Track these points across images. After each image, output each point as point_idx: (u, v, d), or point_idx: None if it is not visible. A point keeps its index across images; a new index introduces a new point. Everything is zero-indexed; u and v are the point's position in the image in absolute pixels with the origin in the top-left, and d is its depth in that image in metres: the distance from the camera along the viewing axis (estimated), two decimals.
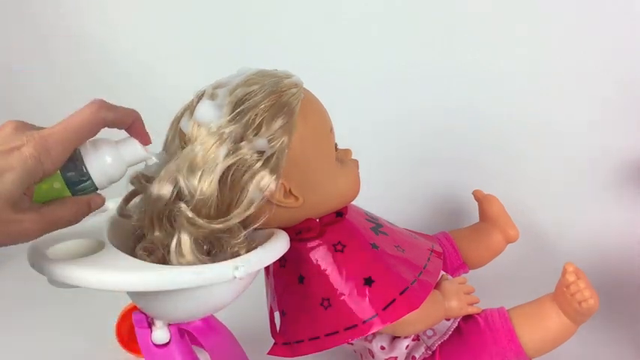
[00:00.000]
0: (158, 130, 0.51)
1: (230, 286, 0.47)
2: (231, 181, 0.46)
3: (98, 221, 0.51)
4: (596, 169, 0.81)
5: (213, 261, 0.45)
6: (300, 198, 0.50)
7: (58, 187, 0.41)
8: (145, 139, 0.45)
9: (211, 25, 0.95)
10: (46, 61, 1.03)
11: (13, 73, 1.04)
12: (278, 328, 0.54)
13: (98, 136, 0.42)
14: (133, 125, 0.44)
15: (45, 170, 0.38)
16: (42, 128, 0.39)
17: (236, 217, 0.46)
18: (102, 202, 0.44)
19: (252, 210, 0.46)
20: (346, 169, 0.54)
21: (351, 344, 0.59)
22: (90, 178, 0.42)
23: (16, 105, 1.03)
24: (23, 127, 0.38)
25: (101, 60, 1.01)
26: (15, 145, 0.37)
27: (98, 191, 0.44)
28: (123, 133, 0.45)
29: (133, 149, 0.44)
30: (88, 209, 0.43)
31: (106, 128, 0.42)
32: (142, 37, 0.99)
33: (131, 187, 0.50)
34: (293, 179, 0.49)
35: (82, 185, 0.42)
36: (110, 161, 0.42)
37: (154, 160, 0.46)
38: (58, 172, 0.41)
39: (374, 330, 0.49)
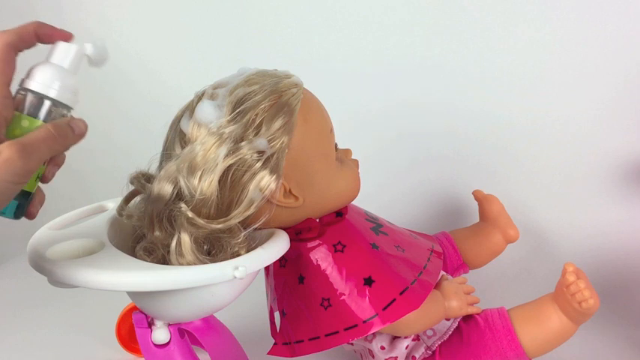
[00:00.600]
0: (158, 130, 0.52)
1: (230, 286, 0.47)
2: (231, 181, 0.46)
3: (98, 221, 0.51)
4: (596, 169, 0.81)
5: (214, 261, 0.45)
6: (300, 198, 0.50)
7: (28, 124, 0.40)
8: (62, 35, 0.43)
9: (211, 25, 0.95)
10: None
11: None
12: (278, 328, 0.54)
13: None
14: (41, 34, 0.42)
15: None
16: None
17: (236, 217, 0.46)
18: (84, 125, 0.42)
19: (252, 210, 0.47)
20: (346, 169, 0.54)
21: (351, 344, 0.59)
22: (53, 100, 0.41)
23: None
24: None
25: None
26: None
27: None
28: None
29: (63, 51, 0.43)
30: (70, 130, 0.41)
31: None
32: (142, 37, 0.99)
33: (131, 187, 0.50)
34: (293, 179, 0.49)
35: (54, 113, 0.41)
36: (57, 78, 0.41)
37: (89, 47, 0.44)
38: (19, 113, 0.40)
39: (374, 330, 0.49)
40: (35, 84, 0.41)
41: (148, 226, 0.48)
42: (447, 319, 0.56)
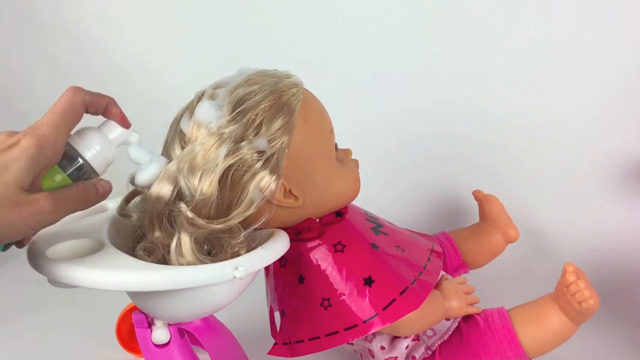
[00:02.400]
0: (158, 130, 0.51)
1: (230, 286, 0.47)
2: (232, 182, 0.46)
3: (98, 221, 0.51)
4: (596, 169, 0.81)
5: (214, 261, 0.45)
6: (300, 198, 0.50)
7: (60, 180, 0.42)
8: (124, 122, 0.46)
9: (211, 26, 0.95)
10: (46, 61, 1.03)
11: (13, 72, 1.04)
12: (278, 328, 0.54)
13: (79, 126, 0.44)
14: (108, 108, 0.45)
15: (48, 155, 0.40)
16: None
17: (236, 218, 0.46)
18: (109, 186, 0.44)
19: (252, 210, 0.47)
20: (346, 169, 0.54)
21: (351, 344, 0.59)
22: (87, 163, 0.43)
23: (16, 105, 1.04)
24: (14, 132, 0.40)
25: (101, 60, 1.01)
26: (13, 142, 0.39)
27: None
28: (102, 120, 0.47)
29: (113, 128, 0.45)
30: (96, 191, 0.43)
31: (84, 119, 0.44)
32: (142, 37, 0.99)
33: (131, 187, 0.50)
34: (293, 179, 0.49)
35: (82, 172, 0.43)
36: (99, 145, 0.44)
37: (136, 136, 0.47)
38: (57, 166, 0.42)
39: (374, 330, 0.49)
40: (84, 151, 0.43)
41: (148, 226, 0.48)
42: (447, 319, 0.56)
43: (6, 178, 0.37)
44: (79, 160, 0.43)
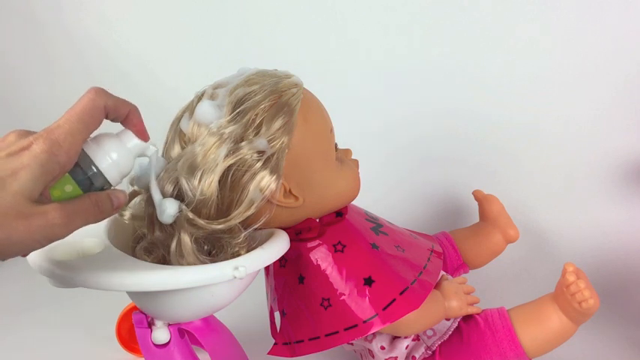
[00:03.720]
0: (158, 130, 0.51)
1: (230, 286, 0.47)
2: (232, 182, 0.46)
3: None
4: (596, 169, 0.81)
5: (214, 261, 0.45)
6: (300, 198, 0.50)
7: (70, 190, 0.39)
8: (143, 135, 0.43)
9: (211, 26, 0.95)
10: (46, 61, 1.03)
11: (13, 73, 1.04)
12: (278, 328, 0.54)
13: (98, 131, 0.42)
14: (129, 117, 0.42)
15: (60, 162, 0.36)
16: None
17: (236, 218, 0.46)
18: (124, 197, 0.41)
19: (252, 210, 0.47)
20: (346, 169, 0.54)
21: (351, 344, 0.59)
22: (100, 173, 0.40)
23: (16, 105, 1.04)
24: (26, 132, 0.37)
25: (101, 60, 1.01)
26: (24, 145, 0.35)
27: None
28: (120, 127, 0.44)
29: (131, 138, 0.43)
30: (110, 202, 0.40)
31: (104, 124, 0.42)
32: (142, 37, 0.99)
33: (131, 188, 0.50)
34: (293, 179, 0.49)
35: (95, 183, 0.40)
36: (116, 154, 0.41)
37: (153, 149, 0.44)
38: (68, 174, 0.39)
39: (374, 330, 0.49)
40: (99, 161, 0.40)
41: (148, 227, 0.48)
42: (447, 319, 0.56)
43: (13, 188, 0.34)
44: (93, 169, 0.40)
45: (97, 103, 0.39)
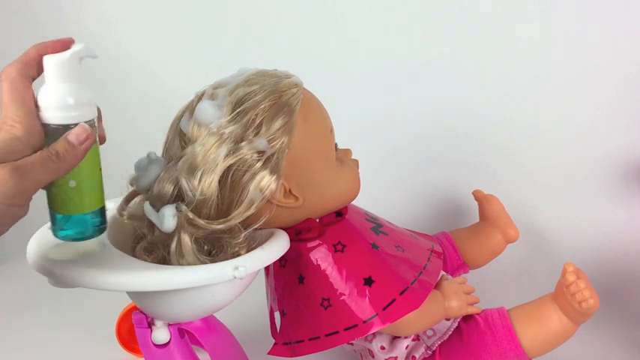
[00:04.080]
0: (158, 130, 0.51)
1: (230, 286, 0.47)
2: (232, 182, 0.46)
3: None
4: (596, 169, 0.81)
5: (214, 261, 0.45)
6: (300, 198, 0.50)
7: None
8: (62, 44, 0.40)
9: (211, 26, 0.95)
10: None
11: None
12: (278, 328, 0.54)
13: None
14: (43, 53, 0.39)
15: (16, 135, 0.36)
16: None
17: (236, 218, 0.46)
18: (82, 129, 0.39)
19: (252, 210, 0.47)
20: (346, 169, 0.54)
21: (351, 344, 0.59)
22: (46, 124, 0.38)
23: None
24: None
25: (101, 60, 1.01)
26: None
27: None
28: None
29: (46, 66, 0.38)
30: (66, 143, 0.38)
31: None
32: (142, 37, 0.99)
33: (131, 188, 0.50)
34: (293, 179, 0.49)
35: (53, 133, 0.38)
36: (44, 96, 0.38)
37: (72, 51, 0.39)
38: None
39: (374, 330, 0.49)
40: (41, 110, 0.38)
41: (148, 227, 0.48)
42: (447, 319, 0.56)
43: None
44: (50, 126, 0.38)
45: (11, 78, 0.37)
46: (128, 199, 0.51)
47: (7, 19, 1.01)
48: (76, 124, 0.39)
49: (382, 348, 0.55)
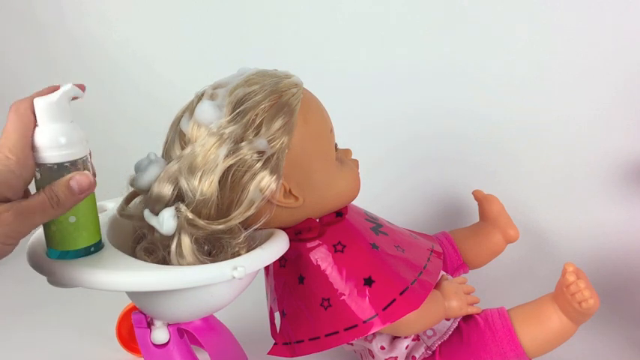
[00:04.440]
0: (158, 130, 0.51)
1: (229, 286, 0.47)
2: (232, 182, 0.46)
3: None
4: (596, 169, 0.81)
5: (214, 261, 0.45)
6: (300, 198, 0.50)
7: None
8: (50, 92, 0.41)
9: (211, 26, 0.95)
10: (46, 61, 1.03)
11: (12, 72, 1.04)
12: (278, 328, 0.54)
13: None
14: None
15: (12, 169, 0.38)
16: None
17: (236, 218, 0.46)
18: (86, 178, 0.40)
19: (252, 210, 0.47)
20: (346, 169, 0.54)
21: (351, 344, 0.59)
22: (45, 165, 0.39)
23: None
24: None
25: (101, 61, 1.01)
26: None
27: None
28: None
29: (37, 109, 0.40)
30: (68, 189, 0.39)
31: None
32: (142, 37, 0.99)
33: (131, 188, 0.50)
34: (293, 179, 0.49)
35: (53, 172, 0.40)
36: (38, 140, 0.39)
37: (67, 86, 0.41)
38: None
39: (374, 330, 0.49)
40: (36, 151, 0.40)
41: (148, 227, 0.47)
42: (447, 319, 0.56)
43: None
44: (44, 166, 0.39)
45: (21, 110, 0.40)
46: (128, 200, 0.51)
47: (7, 19, 1.01)
48: (69, 162, 0.40)
49: (382, 348, 0.55)
